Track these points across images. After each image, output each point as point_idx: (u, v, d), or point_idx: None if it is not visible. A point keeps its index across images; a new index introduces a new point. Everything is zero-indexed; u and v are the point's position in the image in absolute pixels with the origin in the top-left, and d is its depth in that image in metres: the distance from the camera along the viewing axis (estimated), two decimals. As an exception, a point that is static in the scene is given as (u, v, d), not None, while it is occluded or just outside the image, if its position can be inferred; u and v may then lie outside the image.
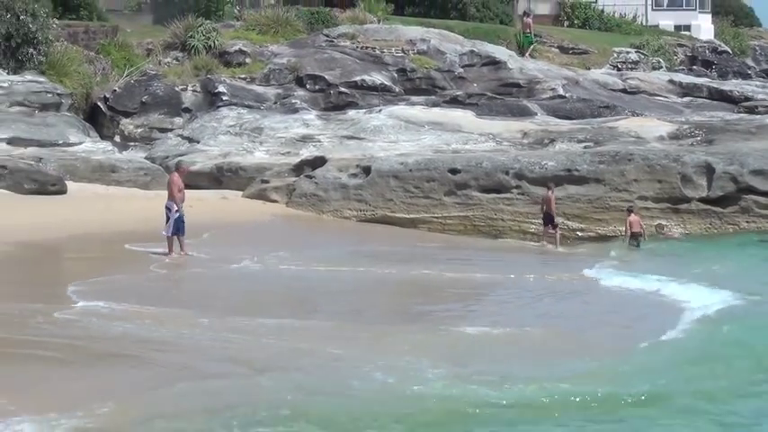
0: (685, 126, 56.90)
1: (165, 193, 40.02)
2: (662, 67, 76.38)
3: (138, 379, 24.11)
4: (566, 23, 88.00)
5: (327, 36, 62.89)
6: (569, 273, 39.75)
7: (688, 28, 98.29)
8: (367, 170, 50.36)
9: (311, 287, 36.26)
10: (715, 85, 68.79)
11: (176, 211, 38.68)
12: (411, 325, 30.92)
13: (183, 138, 55.00)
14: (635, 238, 46.24)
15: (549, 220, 47.06)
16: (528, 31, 73.87)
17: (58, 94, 52.88)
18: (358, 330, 29.67)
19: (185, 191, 39.98)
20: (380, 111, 57.44)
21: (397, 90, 59.40)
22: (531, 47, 71.61)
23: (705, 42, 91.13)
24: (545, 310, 34.44)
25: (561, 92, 60.44)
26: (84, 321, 29.24)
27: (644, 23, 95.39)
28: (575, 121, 57.66)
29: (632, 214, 46.99)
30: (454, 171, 50.21)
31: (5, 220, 39.99)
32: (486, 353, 27.91)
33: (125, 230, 40.88)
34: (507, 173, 50.13)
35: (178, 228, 38.65)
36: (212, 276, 36.93)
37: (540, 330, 30.78)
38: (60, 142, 51.02)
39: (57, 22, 56.44)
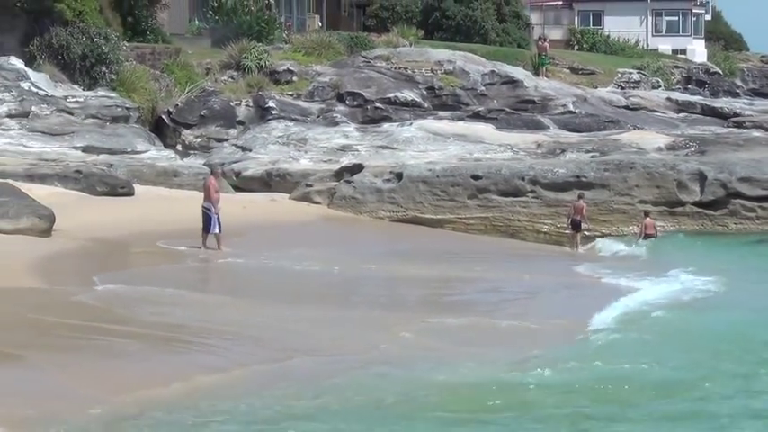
0: (681, 138, 57.19)
1: (232, 197, 40.55)
2: (660, 87, 76.40)
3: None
4: (575, 47, 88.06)
5: (365, 58, 62.81)
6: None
7: (684, 52, 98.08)
8: (399, 176, 50.54)
9: (349, 281, 36.86)
10: (707, 103, 68.82)
11: (211, 211, 38.92)
12: (442, 315, 31.28)
13: (237, 147, 55.03)
14: (648, 238, 46.59)
15: (575, 225, 46.75)
16: (543, 53, 74.09)
17: (127, 108, 52.88)
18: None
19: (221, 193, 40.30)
20: (411, 124, 57.40)
21: (426, 106, 59.25)
22: (545, 68, 71.83)
23: (699, 65, 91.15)
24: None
25: (571, 108, 60.48)
26: (144, 305, 30.12)
27: (645, 47, 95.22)
28: (583, 133, 57.69)
29: (648, 218, 47.49)
30: (476, 177, 50.44)
31: (80, 219, 40.03)
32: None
33: (183, 228, 40.80)
34: (523, 179, 50.35)
35: (213, 225, 38.85)
36: (270, 270, 37.42)
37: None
38: (129, 150, 50.99)
39: (126, 44, 56.45)
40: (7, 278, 31.60)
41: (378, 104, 58.71)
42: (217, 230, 38.66)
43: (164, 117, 56.29)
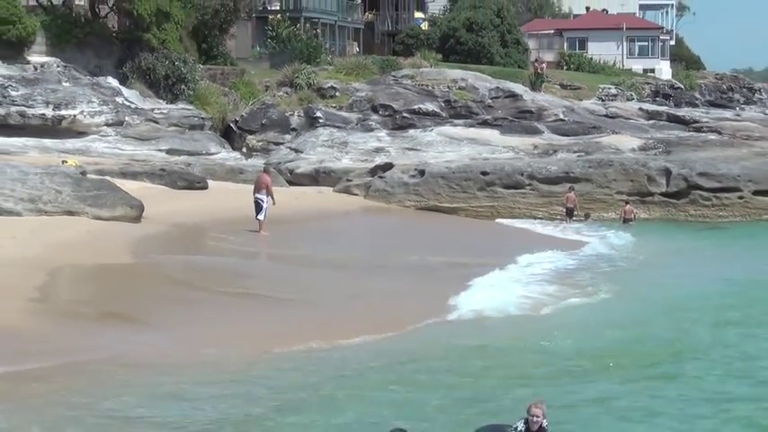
0: (650, 141, 57.14)
1: (286, 190, 40.85)
2: (634, 99, 75.99)
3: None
4: (565, 68, 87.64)
5: (394, 77, 62.57)
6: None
7: (653, 71, 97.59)
8: (422, 172, 50.64)
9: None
10: (672, 112, 68.63)
11: (265, 201, 39.37)
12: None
13: (291, 149, 55.00)
14: (627, 222, 46.97)
15: (569, 212, 48.16)
16: (540, 72, 74.12)
17: (202, 118, 53.10)
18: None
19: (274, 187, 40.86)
20: (432, 130, 57.34)
21: (443, 115, 58.96)
22: (539, 82, 71.79)
23: (665, 81, 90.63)
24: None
25: (561, 116, 60.29)
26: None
27: (621, 67, 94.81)
28: (571, 137, 57.56)
29: (628, 205, 47.85)
30: (485, 173, 50.56)
31: (164, 208, 40.31)
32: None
33: (247, 214, 41.05)
34: (522, 174, 50.49)
35: (262, 212, 39.31)
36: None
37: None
38: (203, 152, 51.20)
39: (201, 66, 56.65)
40: (111, 256, 32.06)
41: (405, 114, 58.57)
42: (261, 217, 39.03)
43: (232, 125, 56.34)
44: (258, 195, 39.46)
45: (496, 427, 16.13)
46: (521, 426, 15.61)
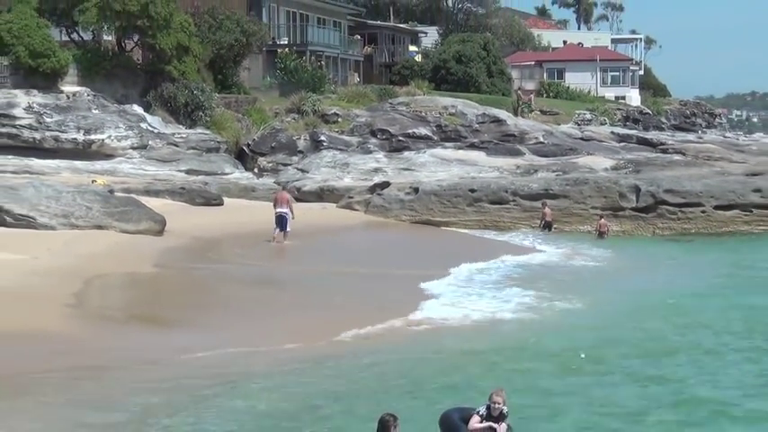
0: (622, 161, 57.41)
1: (295, 206, 41.11)
2: (606, 123, 76.53)
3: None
4: (544, 95, 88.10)
5: (391, 104, 62.69)
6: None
7: (623, 98, 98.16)
8: (416, 190, 50.54)
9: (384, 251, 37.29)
10: (641, 135, 69.08)
11: (287, 215, 39.74)
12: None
13: (298, 169, 54.97)
14: (602, 235, 46.68)
15: (548, 225, 47.63)
16: (528, 102, 74.60)
17: (218, 142, 53.09)
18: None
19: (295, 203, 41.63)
20: (425, 152, 57.48)
21: (435, 138, 59.10)
22: (527, 110, 72.15)
23: (634, 107, 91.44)
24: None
25: (542, 139, 60.56)
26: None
27: (595, 95, 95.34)
28: (550, 158, 57.83)
29: (602, 219, 47.64)
30: (472, 190, 50.52)
31: (184, 223, 40.19)
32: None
33: (258, 229, 40.96)
34: (506, 191, 50.42)
35: (284, 225, 39.58)
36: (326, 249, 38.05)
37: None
38: (219, 172, 51.15)
39: (217, 95, 56.67)
40: (138, 266, 32.23)
41: (400, 138, 58.71)
42: (289, 229, 39.42)
43: (244, 148, 56.32)
44: (280, 210, 39.65)
45: (462, 409, 16.45)
46: (483, 410, 16.07)
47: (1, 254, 31.01)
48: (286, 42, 73.11)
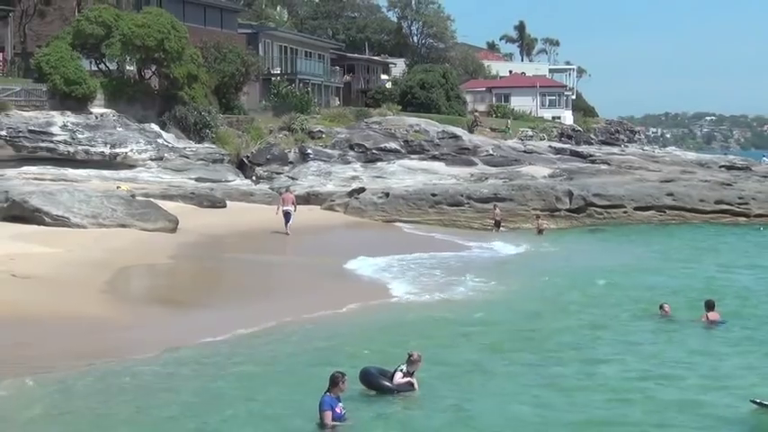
0: (557, 170, 57.43)
1: (281, 206, 41.35)
2: (545, 139, 76.88)
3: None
4: (494, 116, 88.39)
5: (366, 122, 62.41)
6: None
7: (559, 117, 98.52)
8: (387, 194, 50.66)
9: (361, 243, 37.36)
10: (574, 148, 69.19)
11: (291, 212, 41.03)
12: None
13: (289, 177, 54.57)
14: (540, 232, 46.71)
15: (497, 224, 47.67)
16: (480, 123, 75.09)
17: (222, 155, 52.81)
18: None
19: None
20: (394, 163, 57.30)
21: (403, 151, 58.85)
22: (480, 128, 72.46)
23: (568, 125, 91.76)
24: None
25: (491, 152, 60.54)
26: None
27: (536, 115, 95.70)
28: (498, 168, 57.88)
29: (539, 219, 47.78)
30: (434, 195, 50.63)
31: (194, 222, 40.33)
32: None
33: (257, 227, 41.02)
34: (462, 195, 50.59)
35: (288, 220, 40.78)
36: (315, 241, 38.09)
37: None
38: (223, 180, 50.76)
39: (221, 115, 56.47)
40: (156, 258, 32.42)
41: (374, 151, 58.62)
42: (290, 223, 40.87)
43: (244, 159, 56.07)
44: (286, 208, 41.25)
45: (380, 369, 16.79)
46: (404, 368, 16.60)
47: (41, 248, 31.15)
48: (279, 72, 73.06)
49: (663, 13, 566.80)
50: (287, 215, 41.11)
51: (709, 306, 23.70)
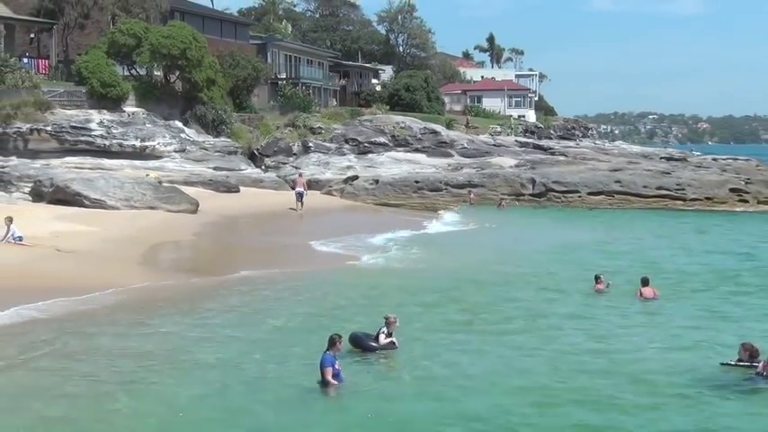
0: (522, 161, 57.51)
1: (288, 192, 41.59)
2: (512, 134, 77.06)
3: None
4: (468, 114, 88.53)
5: (359, 120, 62.14)
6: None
7: (524, 116, 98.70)
8: (377, 181, 50.93)
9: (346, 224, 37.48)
10: (536, 142, 69.04)
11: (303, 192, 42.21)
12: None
13: (293, 167, 54.23)
14: (502, 207, 47.13)
15: (471, 204, 48.00)
16: (468, 123, 75.25)
17: (236, 147, 52.51)
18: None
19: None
20: (383, 154, 57.24)
21: (390, 145, 58.57)
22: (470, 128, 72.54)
23: (531, 123, 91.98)
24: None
25: (466, 145, 60.31)
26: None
27: (504, 114, 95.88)
28: (472, 158, 58.02)
29: (503, 200, 48.10)
30: (417, 182, 50.92)
31: (212, 204, 40.40)
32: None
33: (268, 209, 41.18)
34: (441, 182, 50.88)
35: (301, 199, 42.21)
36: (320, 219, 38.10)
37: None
38: (237, 169, 50.48)
39: (235, 114, 56.28)
40: (181, 235, 32.50)
41: (366, 144, 58.53)
42: (303, 201, 42.19)
43: (255, 151, 55.99)
44: (299, 189, 43.12)
45: (365, 333, 16.79)
46: (385, 329, 16.57)
47: (82, 227, 31.16)
48: (284, 77, 72.92)
49: (612, 28, 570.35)
50: (299, 195, 42.67)
51: (644, 282, 22.50)
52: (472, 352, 16.93)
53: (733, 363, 15.23)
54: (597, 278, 23.31)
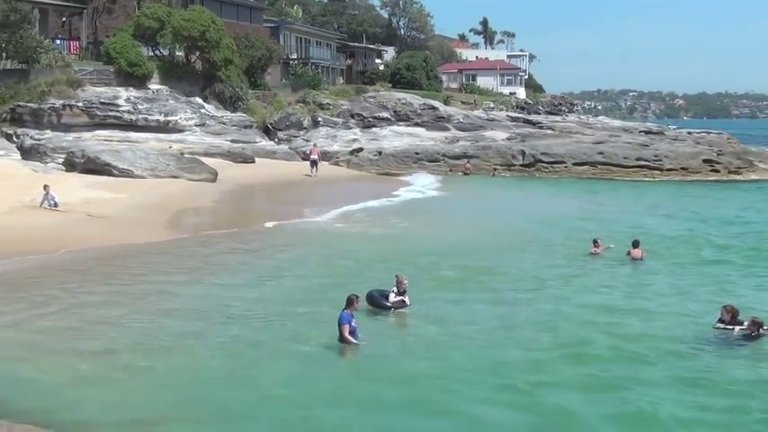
0: (513, 134, 57.37)
1: (299, 162, 41.49)
2: (504, 110, 76.73)
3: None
4: (464, 92, 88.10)
5: (364, 97, 62.24)
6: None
7: (515, 93, 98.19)
8: (380, 153, 50.99)
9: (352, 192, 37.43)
10: (526, 117, 68.93)
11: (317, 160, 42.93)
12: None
13: (304, 140, 54.39)
14: (494, 175, 47.02)
15: (465, 173, 47.95)
16: (475, 102, 74.82)
17: (251, 122, 52.49)
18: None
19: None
20: (386, 128, 57.25)
21: (392, 119, 58.64)
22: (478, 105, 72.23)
23: (521, 100, 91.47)
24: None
25: (462, 120, 60.29)
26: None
27: (496, 91, 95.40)
28: (467, 132, 57.97)
29: (495, 170, 48.08)
30: (417, 153, 50.95)
31: (230, 174, 40.32)
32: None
33: (281, 179, 41.27)
34: (438, 154, 50.93)
35: (316, 166, 42.86)
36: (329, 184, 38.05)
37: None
38: (252, 141, 50.41)
39: (251, 91, 56.00)
40: (202, 201, 32.55)
41: (370, 119, 58.48)
42: (316, 169, 43.04)
43: (269, 125, 55.85)
44: (314, 157, 44.57)
45: (380, 291, 16.58)
46: (395, 289, 16.45)
47: (111, 194, 31.17)
48: (295, 57, 72.49)
49: (594, 11, 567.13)
50: (314, 162, 43.95)
51: (635, 245, 22.47)
52: (479, 311, 16.73)
53: (722, 326, 14.99)
54: (595, 242, 23.24)
